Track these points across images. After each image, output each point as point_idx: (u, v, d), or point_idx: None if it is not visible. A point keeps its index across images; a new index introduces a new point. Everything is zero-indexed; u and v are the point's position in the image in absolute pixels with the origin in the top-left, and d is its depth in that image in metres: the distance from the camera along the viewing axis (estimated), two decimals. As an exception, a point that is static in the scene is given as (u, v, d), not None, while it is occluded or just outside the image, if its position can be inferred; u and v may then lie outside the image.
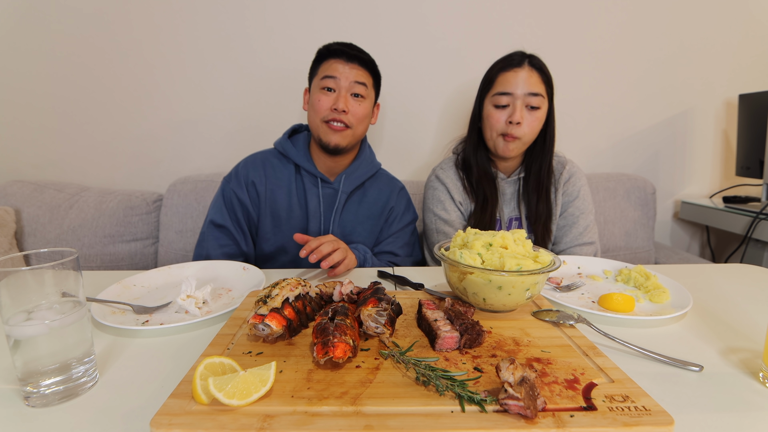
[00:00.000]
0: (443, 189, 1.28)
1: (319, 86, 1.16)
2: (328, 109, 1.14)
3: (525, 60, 1.14)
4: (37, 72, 1.71)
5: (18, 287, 0.50)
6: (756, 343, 0.67)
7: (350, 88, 1.15)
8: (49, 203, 1.62)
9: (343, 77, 1.14)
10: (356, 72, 1.16)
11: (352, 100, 1.16)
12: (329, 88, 1.15)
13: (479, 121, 1.22)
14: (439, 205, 1.28)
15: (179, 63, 1.72)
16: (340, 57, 1.15)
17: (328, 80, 1.14)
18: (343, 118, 1.14)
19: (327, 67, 1.16)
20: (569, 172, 1.27)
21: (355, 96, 1.16)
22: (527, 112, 1.12)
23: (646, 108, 1.86)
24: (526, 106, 1.12)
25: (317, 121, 1.16)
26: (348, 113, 1.14)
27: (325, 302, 0.74)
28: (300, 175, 1.24)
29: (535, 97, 1.11)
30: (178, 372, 0.59)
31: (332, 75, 1.14)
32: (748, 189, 1.94)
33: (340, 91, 1.14)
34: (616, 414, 0.45)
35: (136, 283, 0.91)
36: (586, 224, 1.25)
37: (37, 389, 0.51)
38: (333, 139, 1.16)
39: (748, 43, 1.82)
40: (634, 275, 0.92)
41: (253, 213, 1.22)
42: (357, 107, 1.17)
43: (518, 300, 0.71)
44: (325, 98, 1.14)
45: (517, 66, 1.14)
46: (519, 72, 1.12)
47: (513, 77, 1.13)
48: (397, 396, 0.48)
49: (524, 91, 1.11)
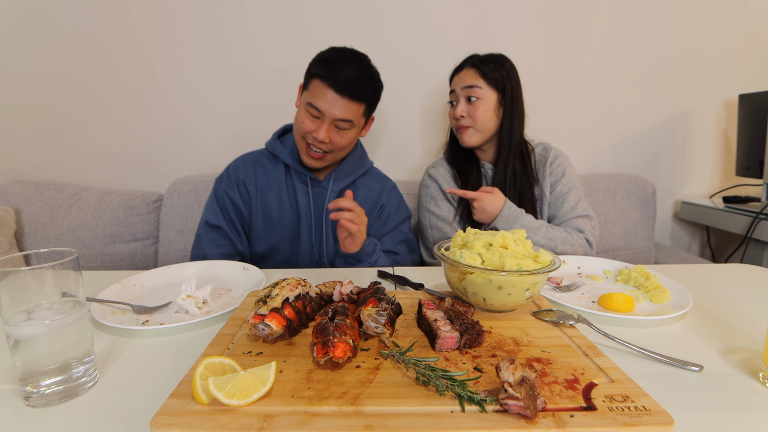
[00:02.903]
0: (435, 186, 1.34)
1: (305, 107, 1.13)
2: (309, 134, 1.12)
3: (467, 63, 1.29)
4: (37, 72, 1.71)
5: (18, 287, 0.50)
6: (756, 343, 0.67)
7: (334, 122, 1.12)
8: (49, 203, 1.62)
9: (329, 111, 1.09)
10: (344, 106, 1.10)
11: (334, 131, 1.13)
12: (314, 115, 1.11)
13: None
14: (432, 202, 1.34)
15: (179, 63, 1.72)
16: (333, 87, 1.08)
17: (312, 109, 1.10)
18: (323, 146, 1.13)
19: (315, 90, 1.10)
20: (554, 156, 1.35)
21: (338, 128, 1.13)
22: (468, 104, 1.26)
23: (646, 108, 1.86)
24: (467, 99, 1.26)
25: (298, 136, 1.16)
26: (329, 143, 1.13)
27: (325, 302, 0.74)
28: (290, 175, 1.24)
29: (471, 89, 1.25)
30: (178, 372, 0.59)
31: (317, 107, 1.09)
32: (748, 189, 1.94)
33: (323, 122, 1.10)
34: (616, 414, 0.45)
35: (136, 283, 0.91)
36: (576, 199, 1.30)
37: (37, 389, 0.51)
38: (309, 162, 1.17)
39: (748, 43, 1.82)
40: (634, 275, 0.92)
41: (245, 213, 1.22)
42: (339, 139, 1.14)
43: (518, 300, 0.71)
44: (308, 122, 1.12)
45: (461, 69, 1.30)
46: (461, 72, 1.29)
47: (456, 78, 1.30)
48: (397, 396, 0.48)
49: (461, 86, 1.26)
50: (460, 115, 1.26)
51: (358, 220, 1.03)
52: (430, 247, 1.35)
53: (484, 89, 1.25)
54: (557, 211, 1.30)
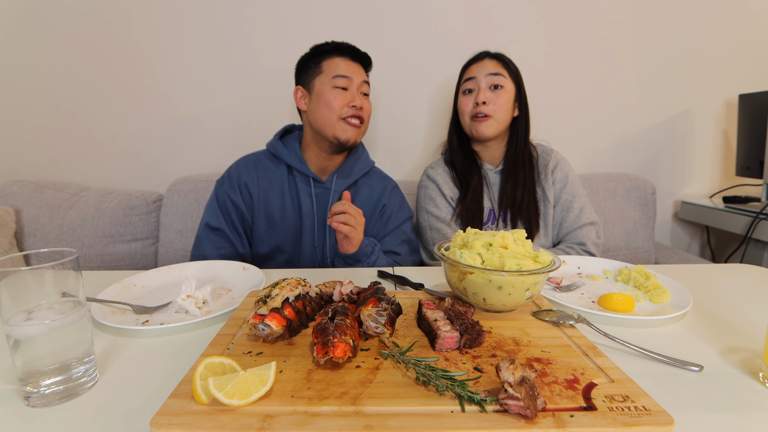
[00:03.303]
0: (434, 186, 1.34)
1: (330, 84, 1.16)
2: (346, 106, 1.16)
3: (487, 55, 1.28)
4: (37, 71, 1.71)
5: (18, 287, 0.50)
6: (756, 343, 0.67)
7: (360, 87, 1.19)
8: (49, 203, 1.62)
9: (355, 76, 1.17)
10: (362, 71, 1.21)
11: (362, 98, 1.20)
12: (342, 87, 1.16)
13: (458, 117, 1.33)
14: (431, 203, 1.33)
15: (179, 63, 1.72)
16: (346, 55, 1.18)
17: (340, 79, 1.16)
18: (361, 113, 1.18)
19: (335, 65, 1.17)
20: (555, 160, 1.33)
21: (363, 94, 1.21)
22: (491, 92, 1.23)
23: (646, 108, 1.86)
24: (490, 87, 1.23)
25: (333, 118, 1.16)
26: (362, 109, 1.18)
27: (325, 302, 0.74)
28: (292, 176, 1.24)
29: (496, 77, 1.23)
30: (178, 372, 0.59)
31: (345, 75, 1.16)
32: (748, 189, 1.94)
33: (352, 89, 1.17)
34: (616, 414, 0.45)
35: (136, 283, 0.91)
36: (580, 206, 1.30)
37: (37, 389, 0.51)
38: (351, 135, 1.19)
39: (748, 43, 1.82)
40: (634, 275, 0.92)
41: (247, 215, 1.22)
42: (367, 104, 1.22)
43: (518, 300, 0.71)
44: (340, 96, 1.16)
45: (480, 59, 1.28)
46: (480, 62, 1.27)
47: (476, 66, 1.27)
48: (397, 396, 0.48)
49: (485, 73, 1.24)
50: (482, 102, 1.22)
51: (353, 221, 1.03)
52: (429, 249, 1.35)
53: (507, 79, 1.24)
54: (564, 221, 1.30)
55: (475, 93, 1.24)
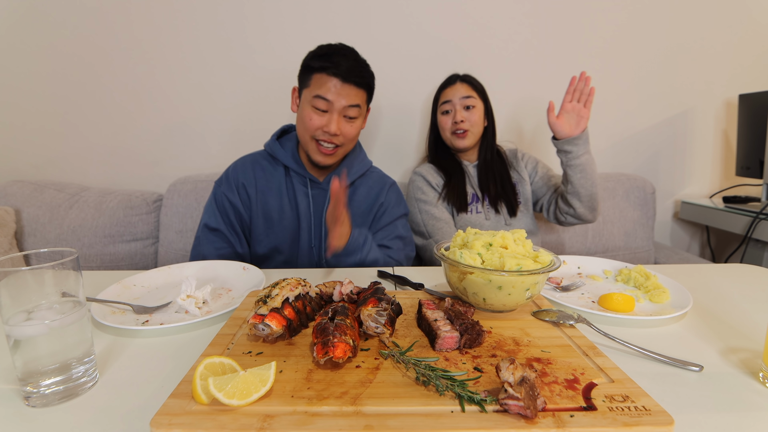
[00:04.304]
0: (420, 179, 1.52)
1: (310, 103, 1.11)
2: (319, 129, 1.12)
3: (457, 78, 1.49)
4: (37, 72, 1.71)
5: (18, 287, 0.50)
6: (756, 343, 0.67)
7: (343, 111, 1.11)
8: (49, 203, 1.62)
9: (337, 100, 1.09)
10: (350, 93, 1.11)
11: (344, 122, 1.13)
12: (321, 109, 1.10)
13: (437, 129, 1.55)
14: (419, 191, 1.50)
15: (179, 63, 1.72)
16: (337, 77, 1.09)
17: (320, 101, 1.10)
18: (334, 140, 1.13)
19: (320, 84, 1.10)
20: (520, 153, 1.60)
21: (347, 117, 1.13)
22: (465, 111, 1.46)
23: (646, 108, 1.86)
24: (464, 108, 1.46)
25: (306, 136, 1.14)
26: (340, 135, 1.13)
27: (325, 302, 0.74)
28: (290, 177, 1.23)
29: (468, 99, 1.46)
30: (178, 372, 0.59)
31: (326, 98, 1.09)
32: (748, 189, 1.94)
33: (332, 114, 1.10)
34: (616, 414, 0.45)
35: (136, 283, 0.91)
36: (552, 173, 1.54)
37: (37, 389, 0.51)
38: (321, 159, 1.16)
39: (748, 43, 1.82)
40: (634, 275, 0.92)
41: (245, 215, 1.22)
42: (349, 129, 1.14)
43: (518, 300, 0.71)
44: (316, 117, 1.11)
45: (452, 83, 1.49)
46: (453, 86, 1.48)
47: (451, 90, 1.48)
48: (397, 396, 0.48)
49: (459, 96, 1.46)
50: (461, 120, 1.45)
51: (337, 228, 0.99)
52: (422, 231, 1.45)
53: (477, 99, 1.47)
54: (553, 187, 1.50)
55: (452, 113, 1.47)
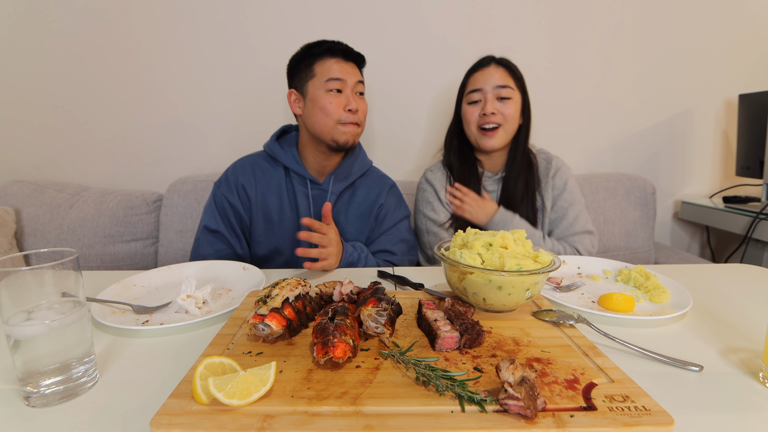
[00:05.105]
0: (431, 190, 1.35)
1: (324, 89, 1.14)
2: (342, 110, 1.15)
3: (492, 60, 1.24)
4: (37, 71, 1.71)
5: (18, 287, 0.50)
6: (756, 343, 0.67)
7: (355, 88, 1.17)
8: (49, 203, 1.62)
9: (349, 78, 1.15)
10: (356, 71, 1.19)
11: (358, 99, 1.18)
12: (336, 89, 1.15)
13: (461, 123, 1.30)
14: (428, 206, 1.34)
15: (179, 62, 1.72)
16: (339, 56, 1.16)
17: (334, 82, 1.14)
18: (355, 118, 1.17)
19: (327, 68, 1.15)
20: (556, 167, 1.31)
21: (358, 94, 1.19)
22: (499, 103, 1.20)
23: (646, 108, 1.86)
24: (497, 98, 1.21)
25: (330, 123, 1.15)
26: (358, 112, 1.17)
27: (325, 302, 0.74)
28: (289, 177, 1.23)
29: (504, 89, 1.20)
30: (178, 372, 0.59)
31: (339, 77, 1.14)
32: (748, 189, 1.94)
33: (347, 92, 1.16)
34: (616, 414, 0.45)
35: (136, 283, 0.91)
36: (575, 214, 1.28)
37: (37, 389, 0.51)
38: (349, 138, 1.18)
39: (748, 43, 1.82)
40: (634, 275, 0.92)
41: (245, 217, 1.22)
42: (363, 105, 1.20)
43: (518, 300, 0.71)
44: (335, 100, 1.14)
45: (485, 65, 1.24)
46: (486, 70, 1.23)
47: (481, 76, 1.23)
48: (397, 396, 0.48)
49: (493, 85, 1.21)
50: (491, 112, 1.19)
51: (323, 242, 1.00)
52: (426, 252, 1.35)
53: (514, 90, 1.22)
54: (555, 228, 1.28)
55: (481, 103, 1.22)
